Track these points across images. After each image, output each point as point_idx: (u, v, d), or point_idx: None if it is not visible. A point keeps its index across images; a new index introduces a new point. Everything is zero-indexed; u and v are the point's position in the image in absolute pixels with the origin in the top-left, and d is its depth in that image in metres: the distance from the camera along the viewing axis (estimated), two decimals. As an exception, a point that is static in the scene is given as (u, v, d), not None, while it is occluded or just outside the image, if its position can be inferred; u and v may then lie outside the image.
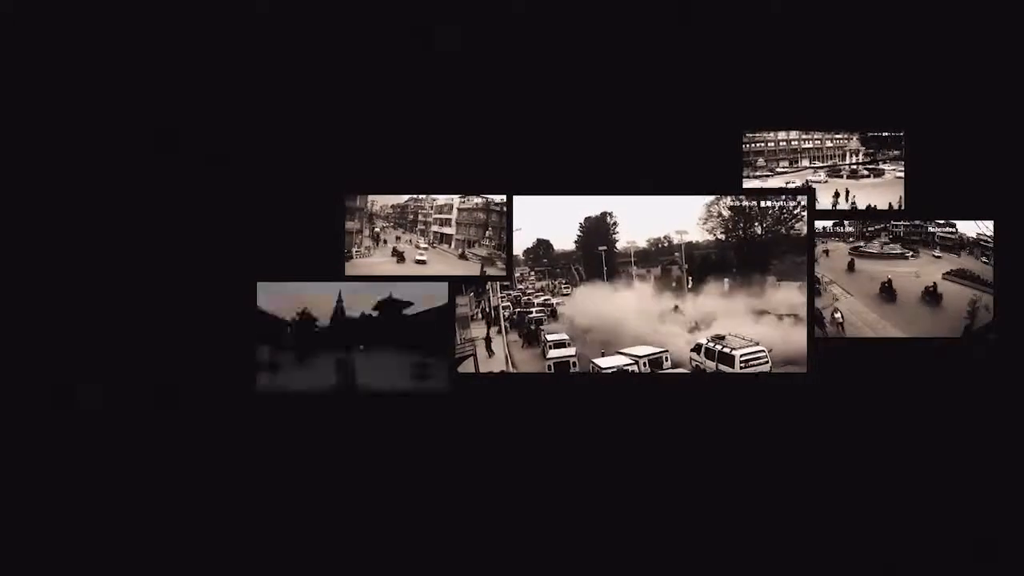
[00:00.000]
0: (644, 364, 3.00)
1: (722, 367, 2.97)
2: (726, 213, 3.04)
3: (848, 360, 3.00)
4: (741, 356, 2.94)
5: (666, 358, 3.02)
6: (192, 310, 3.00)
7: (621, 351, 3.02)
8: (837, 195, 3.09)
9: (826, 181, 3.11)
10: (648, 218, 3.05)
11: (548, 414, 3.01)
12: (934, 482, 2.97)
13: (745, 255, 3.05)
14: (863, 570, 2.93)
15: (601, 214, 3.04)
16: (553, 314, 3.11)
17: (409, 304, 3.00)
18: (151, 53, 3.01)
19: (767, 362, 2.97)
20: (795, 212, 3.04)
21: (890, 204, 3.06)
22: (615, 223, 3.05)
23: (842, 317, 3.01)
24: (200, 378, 3.00)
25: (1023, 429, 2.97)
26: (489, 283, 3.07)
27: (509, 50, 3.02)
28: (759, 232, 3.05)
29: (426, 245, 3.13)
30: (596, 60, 3.02)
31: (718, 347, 2.99)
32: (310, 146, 3.02)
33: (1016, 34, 2.99)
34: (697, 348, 3.04)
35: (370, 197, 3.07)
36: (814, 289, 3.03)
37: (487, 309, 3.09)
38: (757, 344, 2.98)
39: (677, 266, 3.09)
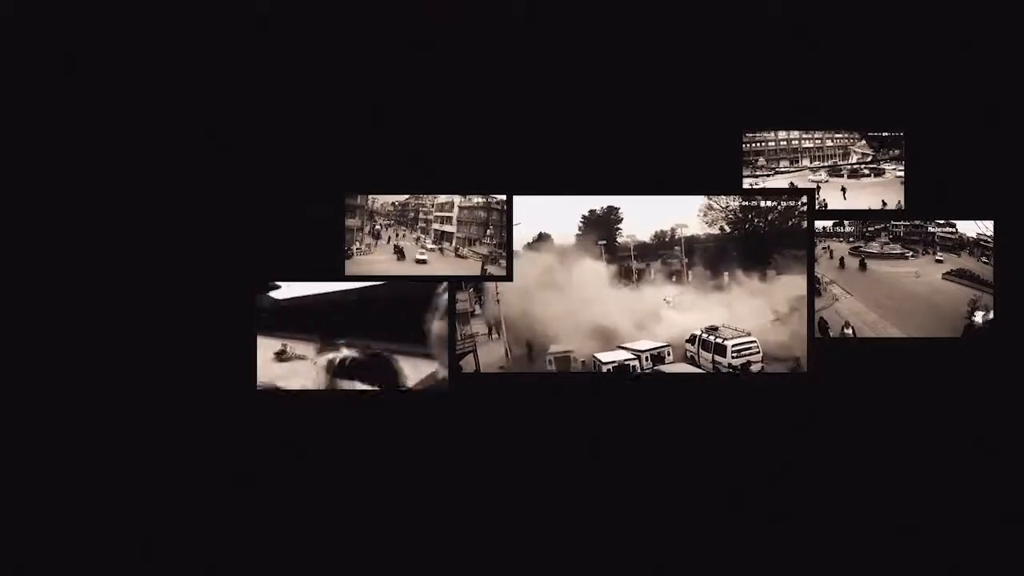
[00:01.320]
0: (646, 359, 3.00)
1: (716, 357, 2.99)
2: (729, 204, 3.04)
3: (848, 360, 3.00)
4: (733, 346, 2.96)
5: (668, 352, 3.03)
6: (192, 309, 3.00)
7: (622, 345, 3.02)
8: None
9: (827, 180, 3.11)
10: (648, 213, 3.05)
11: (548, 413, 3.00)
12: (934, 482, 2.96)
13: (746, 248, 3.05)
14: (862, 570, 2.93)
15: (607, 208, 3.04)
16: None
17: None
18: (153, 53, 3.01)
19: (758, 351, 2.99)
20: (797, 211, 3.04)
21: (883, 202, 3.05)
22: (620, 218, 3.05)
23: (854, 333, 3.01)
24: (200, 378, 2.99)
25: (1023, 429, 2.97)
26: (486, 285, 3.06)
27: (509, 51, 3.02)
28: (761, 225, 3.06)
29: (433, 246, 3.12)
30: (596, 60, 3.03)
31: (711, 338, 3.00)
32: (310, 145, 3.02)
33: (1016, 34, 3.00)
34: (692, 339, 3.05)
35: (370, 195, 3.07)
36: (814, 289, 3.03)
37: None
38: (749, 334, 2.99)
39: (677, 260, 3.09)
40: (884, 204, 3.05)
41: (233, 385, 2.98)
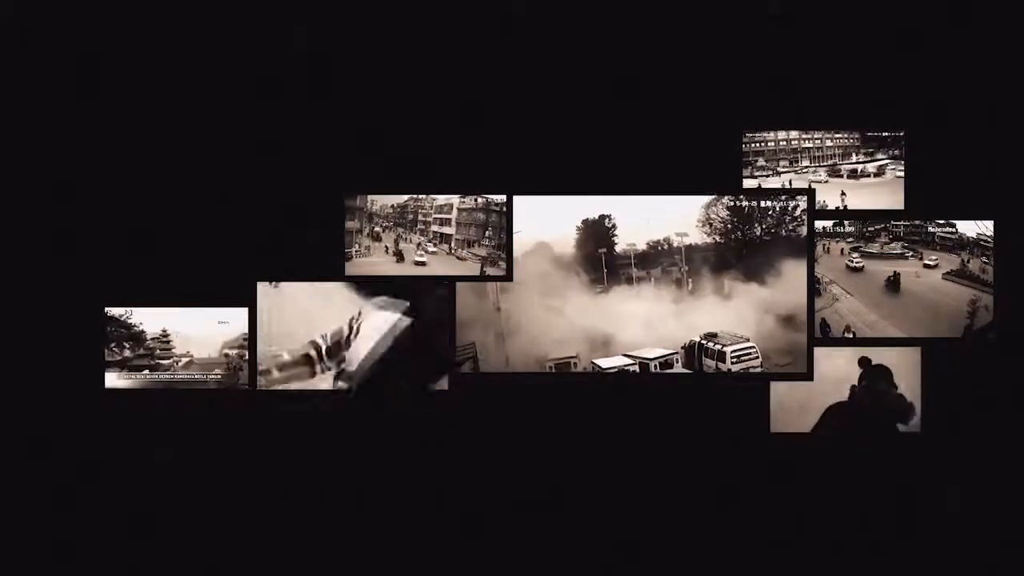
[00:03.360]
0: (656, 366, 3.00)
1: (717, 364, 2.99)
2: (724, 214, 3.04)
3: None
4: (732, 352, 2.97)
5: (677, 360, 3.03)
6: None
7: (627, 353, 3.03)
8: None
9: (826, 181, 3.11)
10: (647, 220, 3.04)
11: (548, 414, 3.01)
12: (932, 483, 2.97)
13: (744, 257, 3.05)
14: (864, 569, 2.94)
15: (599, 216, 3.04)
16: None
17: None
18: (154, 53, 3.01)
19: (757, 357, 2.99)
20: (795, 215, 3.04)
21: (842, 192, 3.06)
22: (613, 225, 3.05)
23: (855, 336, 3.01)
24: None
25: (1023, 429, 2.97)
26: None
27: (509, 50, 3.01)
28: (758, 233, 3.05)
29: (434, 249, 3.11)
30: (596, 60, 3.02)
31: (711, 344, 3.00)
32: (310, 145, 3.02)
33: (1016, 34, 2.99)
34: (692, 345, 3.05)
35: (370, 197, 3.07)
36: (814, 289, 3.03)
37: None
38: (748, 340, 3.00)
39: (677, 268, 3.08)
40: (843, 195, 3.05)
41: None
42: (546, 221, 3.03)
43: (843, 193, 3.06)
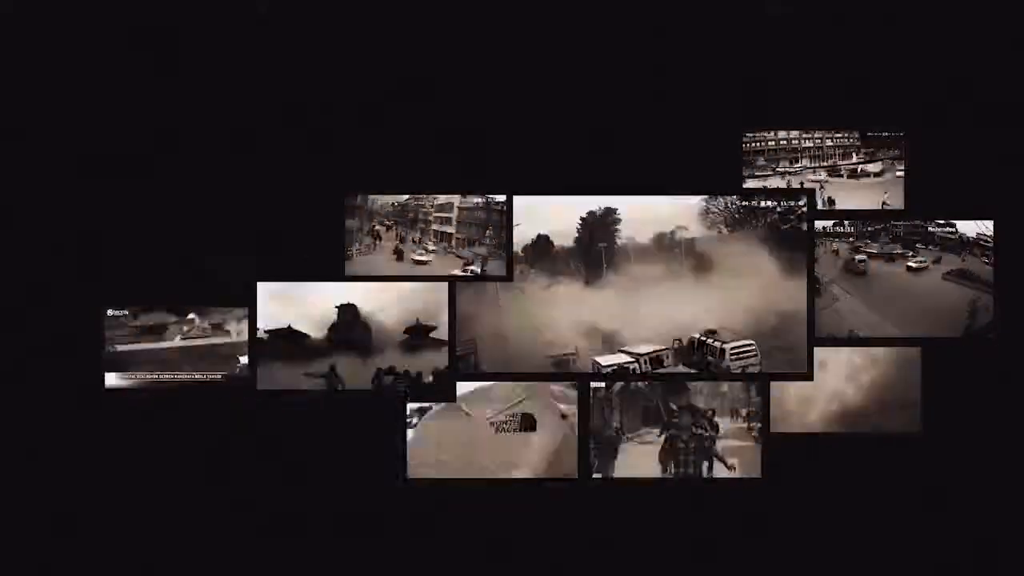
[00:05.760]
0: (645, 362, 3.00)
1: (716, 360, 2.99)
2: (728, 207, 3.04)
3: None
4: (731, 349, 2.96)
5: (667, 356, 3.02)
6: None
7: (621, 349, 3.02)
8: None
9: (827, 181, 3.11)
10: (648, 215, 3.04)
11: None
12: (932, 483, 2.97)
13: (744, 250, 3.05)
14: (864, 569, 2.94)
15: (604, 210, 3.03)
16: None
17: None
18: (154, 53, 3.02)
19: (756, 355, 2.98)
20: (797, 212, 3.04)
21: (829, 196, 3.08)
22: (619, 220, 3.04)
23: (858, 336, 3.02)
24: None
25: (1023, 430, 2.97)
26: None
27: (509, 50, 3.02)
28: (759, 226, 3.05)
29: (435, 248, 3.11)
30: (596, 59, 3.02)
31: (710, 340, 3.00)
32: (310, 145, 3.02)
33: (1016, 34, 3.00)
34: (691, 343, 3.04)
35: (370, 195, 3.07)
36: (814, 289, 3.03)
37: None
38: (747, 338, 2.99)
39: (677, 262, 3.07)
40: (822, 187, 3.06)
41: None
42: (546, 215, 3.03)
43: (822, 186, 3.06)
